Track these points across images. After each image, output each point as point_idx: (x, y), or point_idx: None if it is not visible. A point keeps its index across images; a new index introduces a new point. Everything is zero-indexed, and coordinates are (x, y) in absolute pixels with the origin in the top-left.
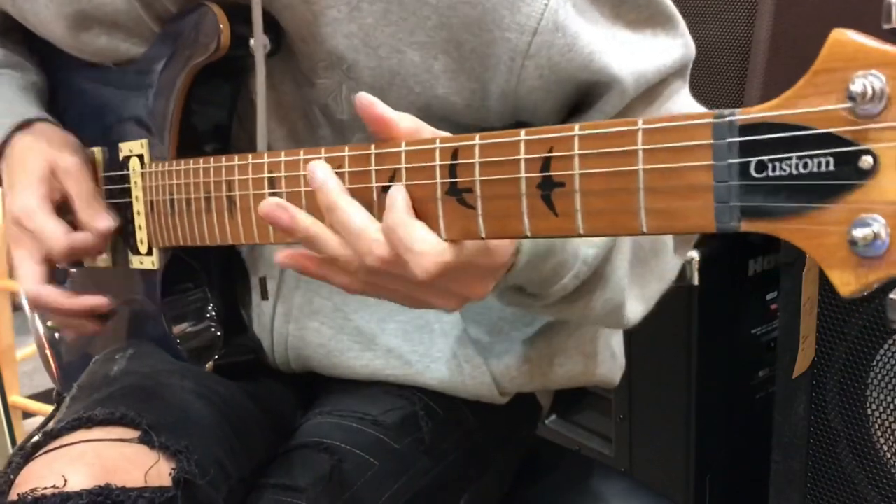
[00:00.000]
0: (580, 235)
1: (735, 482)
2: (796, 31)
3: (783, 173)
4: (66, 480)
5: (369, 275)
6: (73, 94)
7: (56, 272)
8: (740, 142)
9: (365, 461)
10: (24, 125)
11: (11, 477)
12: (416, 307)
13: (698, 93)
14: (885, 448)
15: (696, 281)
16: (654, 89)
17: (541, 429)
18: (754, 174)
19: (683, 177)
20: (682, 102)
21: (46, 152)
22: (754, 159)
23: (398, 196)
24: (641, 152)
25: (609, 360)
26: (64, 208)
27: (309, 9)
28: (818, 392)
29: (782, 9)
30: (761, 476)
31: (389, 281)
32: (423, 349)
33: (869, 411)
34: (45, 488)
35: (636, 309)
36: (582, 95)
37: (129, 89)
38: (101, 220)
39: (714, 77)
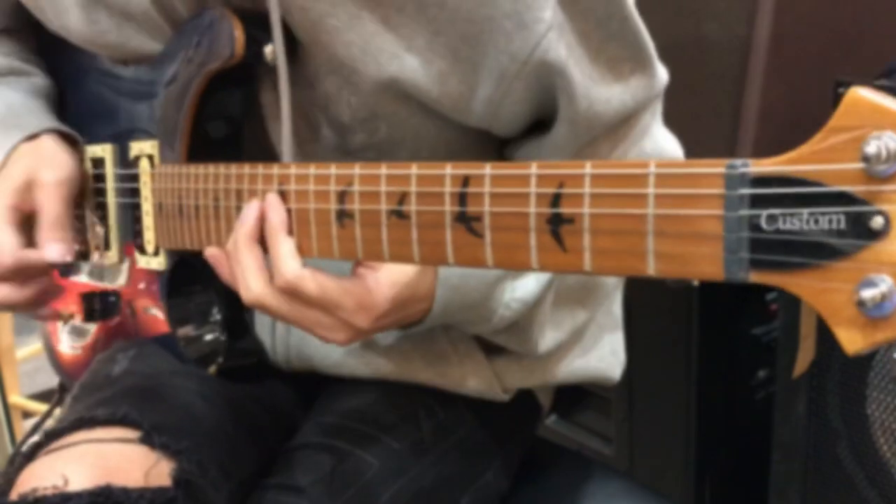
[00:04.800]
0: (588, 273)
1: (735, 482)
2: (796, 31)
3: (794, 228)
4: (66, 480)
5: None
6: (83, 91)
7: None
8: (752, 194)
9: (365, 461)
10: (30, 137)
11: (12, 477)
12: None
13: (698, 93)
14: (885, 448)
15: (696, 281)
16: (615, 130)
17: (541, 429)
18: (765, 227)
19: (693, 224)
20: (654, 141)
21: (31, 165)
22: (765, 212)
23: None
24: (652, 196)
25: (609, 356)
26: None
27: (307, 17)
28: (818, 392)
29: (782, 8)
30: (761, 476)
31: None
32: (425, 346)
33: (869, 411)
34: (46, 488)
35: (551, 342)
36: (548, 112)
37: (142, 89)
38: (52, 250)
39: (714, 77)
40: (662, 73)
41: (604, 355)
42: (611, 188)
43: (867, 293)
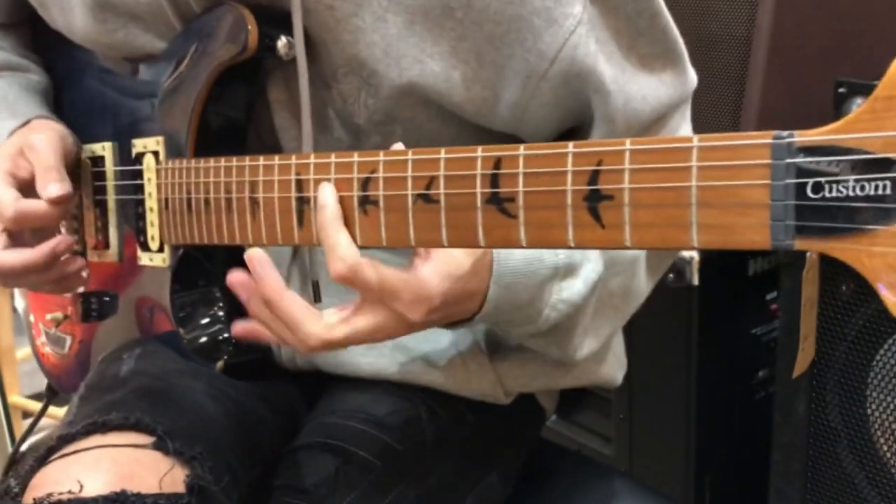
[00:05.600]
0: (627, 248)
1: (735, 482)
2: (797, 30)
3: (840, 195)
4: (81, 486)
5: None
6: (82, 89)
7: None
8: (798, 163)
9: (369, 462)
10: (24, 125)
11: (26, 480)
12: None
13: (699, 93)
14: (885, 448)
15: (696, 281)
16: (649, 128)
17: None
18: (811, 195)
19: (738, 194)
20: None
21: (21, 137)
22: (811, 180)
23: (328, 201)
24: (695, 169)
25: (611, 359)
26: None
27: (332, 15)
28: (818, 392)
29: (783, 8)
30: (761, 476)
31: None
32: (429, 347)
33: (869, 411)
34: (62, 493)
35: (587, 349)
36: (582, 116)
37: (146, 85)
38: (51, 189)
39: (714, 77)
40: (692, 74)
41: (605, 358)
42: (652, 163)
43: None
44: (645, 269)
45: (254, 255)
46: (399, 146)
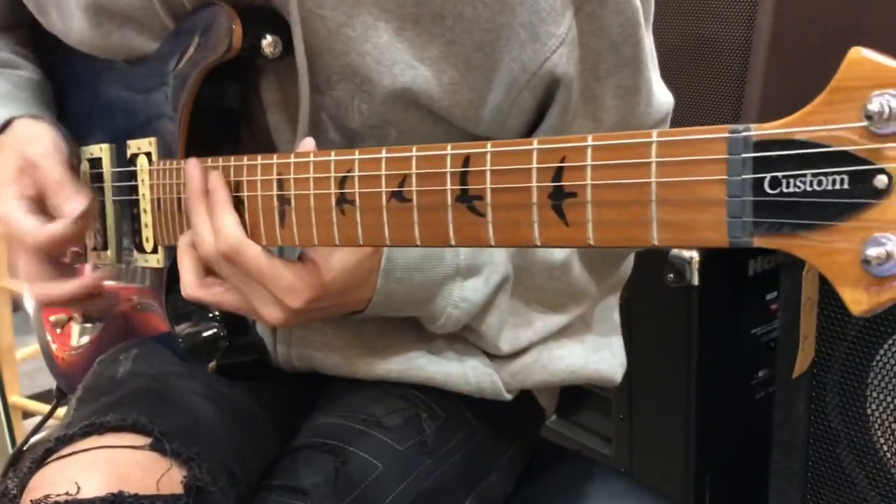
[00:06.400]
0: (591, 246)
1: (735, 482)
2: (796, 31)
3: (797, 190)
4: (79, 487)
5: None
6: (82, 92)
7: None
8: (755, 157)
9: (368, 463)
10: (4, 126)
11: (24, 482)
12: (247, 311)
13: (698, 94)
14: (885, 448)
15: (696, 281)
16: None
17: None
18: (768, 190)
19: (696, 190)
20: None
21: (15, 151)
22: (768, 175)
23: (216, 185)
24: (655, 164)
25: (609, 357)
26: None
27: (324, 25)
28: (818, 392)
29: (782, 8)
30: (761, 476)
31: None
32: (426, 346)
33: (869, 411)
34: (59, 495)
35: (526, 339)
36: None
37: (139, 87)
38: (70, 205)
39: (714, 77)
40: (662, 100)
41: (603, 357)
42: (613, 159)
43: (873, 252)
44: (580, 268)
45: None
46: None
